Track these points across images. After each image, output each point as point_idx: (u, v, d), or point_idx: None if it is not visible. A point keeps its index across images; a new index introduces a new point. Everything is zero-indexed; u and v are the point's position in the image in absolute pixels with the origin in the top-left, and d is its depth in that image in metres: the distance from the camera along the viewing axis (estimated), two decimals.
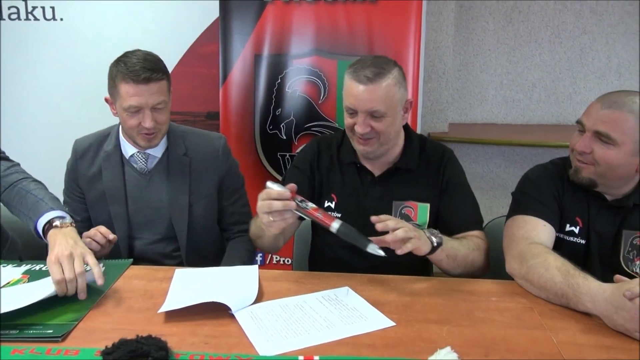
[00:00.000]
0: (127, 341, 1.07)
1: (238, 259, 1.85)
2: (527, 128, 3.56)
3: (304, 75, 2.83)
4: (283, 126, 2.87)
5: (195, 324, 1.26)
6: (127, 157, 1.84)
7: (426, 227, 1.70)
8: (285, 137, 2.87)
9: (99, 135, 1.89)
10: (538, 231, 1.52)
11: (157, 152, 1.85)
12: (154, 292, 1.42)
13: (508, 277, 1.51)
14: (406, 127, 1.78)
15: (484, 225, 1.98)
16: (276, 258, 3.04)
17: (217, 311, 1.30)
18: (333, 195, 1.77)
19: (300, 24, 2.79)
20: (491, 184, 3.58)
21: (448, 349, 1.12)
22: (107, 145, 1.86)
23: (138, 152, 1.83)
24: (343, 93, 1.64)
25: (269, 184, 1.43)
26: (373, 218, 1.41)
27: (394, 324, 1.26)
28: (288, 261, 2.99)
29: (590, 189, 1.56)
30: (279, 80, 2.85)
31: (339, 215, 1.73)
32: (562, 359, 1.13)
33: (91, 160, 1.86)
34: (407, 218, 1.70)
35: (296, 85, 2.84)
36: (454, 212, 1.71)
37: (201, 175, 1.87)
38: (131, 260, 1.62)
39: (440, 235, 1.51)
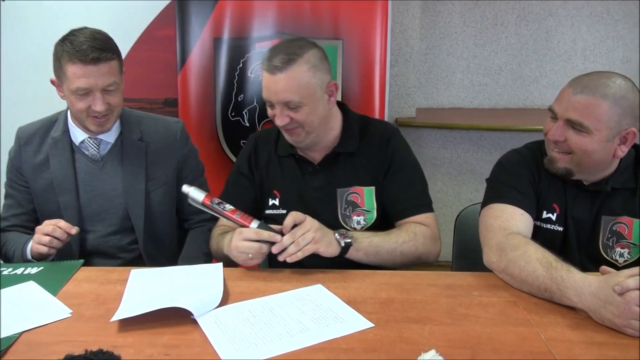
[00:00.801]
0: (73, 358, 0.94)
1: (199, 251, 1.75)
2: (494, 112, 3.51)
3: None
4: (246, 112, 2.74)
5: (154, 332, 1.14)
6: (77, 144, 1.72)
7: (375, 212, 1.62)
8: (248, 124, 2.74)
9: (45, 122, 1.76)
10: (516, 220, 1.44)
11: (110, 137, 1.73)
12: (107, 297, 1.29)
13: (485, 268, 1.44)
14: (343, 108, 1.69)
15: (459, 212, 1.93)
16: None
17: (178, 317, 1.18)
18: (275, 192, 1.68)
19: (262, 6, 2.65)
20: (459, 169, 3.53)
21: (433, 352, 1.03)
22: (54, 131, 1.73)
23: (89, 137, 1.71)
24: (262, 86, 1.55)
25: (247, 230, 1.42)
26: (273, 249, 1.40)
27: (372, 325, 1.17)
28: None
29: (560, 176, 1.49)
30: (241, 65, 2.71)
31: (284, 211, 1.63)
32: (554, 359, 1.05)
33: (37, 148, 1.72)
34: (354, 205, 1.62)
35: (259, 70, 2.68)
36: (396, 196, 1.62)
37: (158, 161, 1.77)
38: (81, 261, 1.48)
39: (351, 235, 1.47)
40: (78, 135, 1.71)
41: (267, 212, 1.68)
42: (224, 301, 1.26)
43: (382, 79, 2.71)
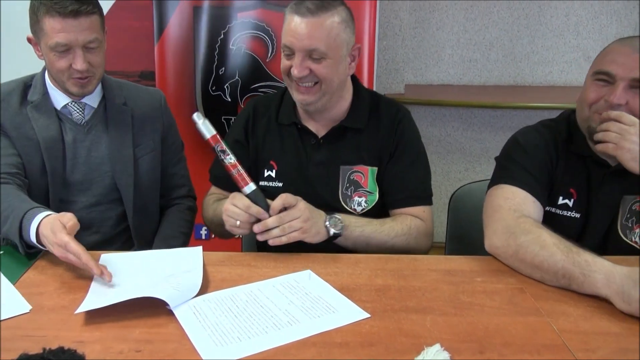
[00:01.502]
0: (28, 358, 0.81)
1: (177, 231, 1.66)
2: (484, 89, 3.41)
3: (250, 30, 2.55)
4: (227, 87, 2.60)
5: (124, 325, 1.01)
6: (59, 108, 1.59)
7: (377, 194, 1.52)
8: (230, 99, 2.61)
9: (18, 83, 1.61)
10: (527, 206, 1.33)
11: (94, 101, 1.61)
12: (73, 285, 1.16)
13: (483, 253, 1.34)
14: (355, 81, 1.57)
15: (454, 192, 1.82)
16: None
17: (152, 308, 1.06)
18: (272, 163, 1.56)
19: None
20: (448, 147, 3.42)
21: (437, 346, 0.93)
22: (31, 95, 1.58)
23: (72, 101, 1.58)
24: (282, 31, 1.43)
25: (239, 198, 1.32)
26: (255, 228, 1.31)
27: (368, 315, 1.06)
28: (237, 236, 2.76)
29: (593, 155, 1.38)
30: (222, 36, 2.56)
31: (280, 184, 1.53)
32: (569, 352, 0.95)
33: (16, 109, 1.56)
34: (357, 185, 1.51)
35: (241, 42, 2.56)
36: (396, 183, 1.51)
37: (144, 126, 1.66)
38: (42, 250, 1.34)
39: (343, 223, 1.37)
40: (59, 99, 1.59)
41: (261, 183, 1.55)
42: (203, 289, 1.14)
43: (370, 53, 2.59)
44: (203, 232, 2.79)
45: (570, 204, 1.40)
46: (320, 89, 1.43)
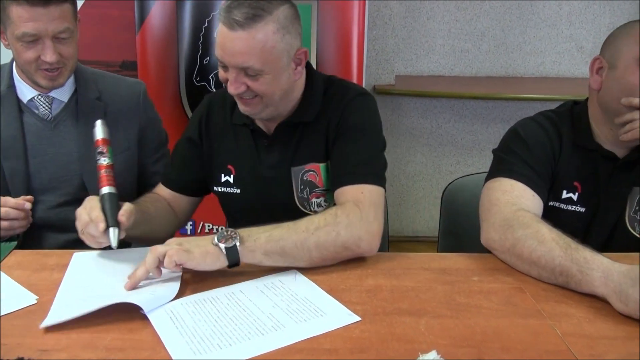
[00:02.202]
0: None
1: None
2: (475, 80, 3.35)
3: None
4: (212, 77, 2.52)
5: (94, 331, 0.93)
6: (25, 102, 1.50)
7: None
8: (215, 90, 2.52)
9: None
10: (527, 200, 1.26)
11: (64, 95, 1.52)
12: (41, 287, 1.07)
13: (478, 247, 1.27)
14: (308, 70, 1.39)
15: (447, 185, 1.75)
16: (208, 226, 2.72)
17: (124, 311, 0.98)
18: (230, 167, 1.43)
19: None
20: (440, 140, 3.36)
21: (433, 353, 0.86)
22: None
23: (39, 95, 1.50)
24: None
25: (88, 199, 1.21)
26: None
27: (358, 318, 0.99)
28: (222, 229, 2.68)
29: (600, 148, 1.31)
30: (206, 25, 2.48)
31: (238, 191, 1.42)
32: (574, 357, 0.89)
33: None
34: (312, 185, 1.38)
35: None
36: (332, 164, 1.35)
37: (119, 123, 1.56)
38: (14, 244, 1.27)
39: (237, 234, 1.10)
40: (26, 91, 1.50)
41: (218, 189, 1.44)
42: (181, 292, 1.06)
43: (360, 43, 2.52)
44: (188, 227, 2.71)
45: (575, 197, 1.34)
46: (262, 101, 1.28)
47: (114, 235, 1.12)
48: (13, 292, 1.05)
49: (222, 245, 1.08)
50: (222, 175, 1.43)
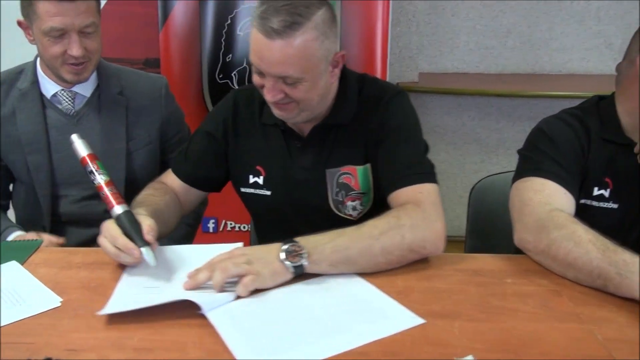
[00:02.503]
0: None
1: (181, 222, 1.53)
2: (501, 77, 3.29)
3: None
4: (235, 74, 2.51)
5: (121, 330, 0.92)
6: (49, 97, 1.51)
7: (371, 192, 1.35)
8: (237, 87, 2.50)
9: (9, 73, 1.55)
10: (559, 198, 1.22)
11: (87, 90, 1.53)
12: (67, 286, 1.07)
13: (506, 248, 1.24)
14: (342, 69, 1.34)
15: (474, 184, 1.71)
16: (230, 224, 2.71)
17: (150, 310, 0.96)
18: (259, 168, 1.39)
19: None
20: (464, 138, 3.31)
21: (470, 358, 0.83)
22: (21, 82, 1.52)
23: (62, 89, 1.51)
24: (250, 45, 1.20)
25: (107, 226, 1.11)
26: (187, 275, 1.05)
27: (423, 321, 0.95)
28: (244, 227, 2.68)
29: (630, 142, 1.26)
30: (229, 22, 2.46)
31: (269, 193, 1.38)
32: None
33: (2, 102, 1.51)
34: (348, 188, 1.34)
35: (249, 27, 2.42)
36: (385, 168, 1.31)
37: (140, 118, 1.58)
38: (40, 241, 1.26)
39: (303, 248, 1.06)
40: (49, 87, 1.51)
41: (246, 190, 1.41)
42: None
43: (384, 40, 2.49)
44: (211, 225, 2.71)
45: (607, 194, 1.29)
46: (298, 106, 1.24)
47: (148, 255, 1.06)
48: (37, 293, 1.03)
49: (289, 264, 1.05)
50: (251, 176, 1.40)
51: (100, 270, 1.13)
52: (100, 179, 1.14)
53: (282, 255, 1.05)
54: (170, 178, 1.44)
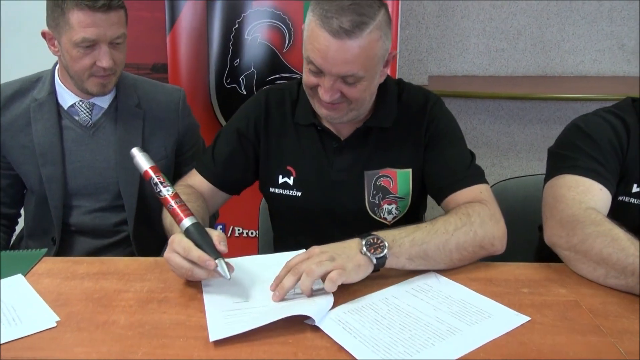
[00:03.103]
0: None
1: None
2: (511, 80, 3.25)
3: (266, 20, 2.43)
4: (242, 79, 2.48)
5: (127, 345, 0.89)
6: (66, 108, 1.50)
7: (409, 198, 1.35)
8: (245, 92, 2.48)
9: (25, 81, 1.53)
10: (594, 195, 1.19)
11: (104, 101, 1.51)
12: (70, 297, 1.04)
13: (520, 257, 1.20)
14: None
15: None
16: (238, 230, 2.69)
17: (154, 323, 0.93)
18: (290, 169, 1.37)
19: None
20: (475, 142, 3.27)
21: None
22: (37, 92, 1.50)
23: (81, 100, 1.49)
24: (305, 39, 1.20)
25: (177, 240, 1.04)
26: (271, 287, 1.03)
27: (528, 318, 0.96)
28: (252, 233, 2.65)
29: None
30: (237, 26, 2.44)
31: (299, 194, 1.36)
32: None
33: (17, 111, 1.49)
34: (385, 191, 1.34)
35: (256, 31, 2.44)
36: (437, 173, 1.32)
37: (157, 131, 1.56)
38: (44, 250, 1.23)
39: (383, 240, 1.06)
40: (67, 97, 1.50)
41: (274, 190, 1.39)
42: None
43: (393, 43, 2.45)
44: (218, 229, 2.68)
45: None
46: (349, 106, 1.25)
47: (222, 267, 1.02)
48: (35, 311, 0.99)
49: (372, 256, 1.04)
50: (280, 176, 1.38)
51: (104, 280, 1.10)
52: (166, 191, 1.09)
53: (364, 248, 1.04)
54: (196, 180, 1.40)
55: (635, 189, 1.26)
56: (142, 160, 1.11)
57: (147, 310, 0.98)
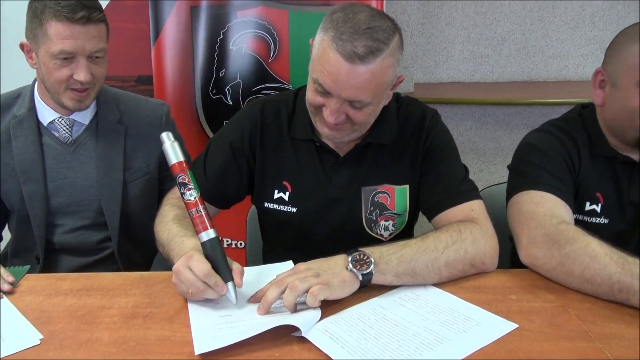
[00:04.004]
0: None
1: None
2: (497, 86, 3.26)
3: (251, 30, 2.42)
4: (228, 90, 2.47)
5: None
6: (45, 124, 1.46)
7: (406, 214, 1.34)
8: (231, 102, 2.47)
9: (5, 98, 1.50)
10: (561, 210, 1.19)
11: (85, 117, 1.48)
12: (53, 315, 1.02)
13: (507, 264, 1.21)
14: None
15: None
16: (227, 241, 2.67)
17: (149, 340, 0.91)
18: (286, 184, 1.35)
19: None
20: (461, 148, 3.18)
21: None
22: (17, 109, 1.47)
23: (60, 117, 1.46)
24: (315, 57, 1.17)
25: (197, 261, 1.01)
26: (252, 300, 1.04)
27: (516, 325, 0.95)
28: (241, 244, 2.63)
29: (617, 154, 1.24)
30: (221, 36, 2.43)
31: (294, 210, 1.34)
32: None
33: None
34: (382, 207, 1.32)
35: (242, 42, 2.43)
36: (432, 187, 1.30)
37: (139, 147, 1.52)
38: (27, 267, 1.21)
39: (369, 256, 1.05)
40: (46, 114, 1.46)
41: (269, 205, 1.36)
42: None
43: None
44: None
45: (598, 209, 1.26)
46: (352, 127, 1.22)
47: (231, 292, 1.01)
48: (17, 329, 0.97)
49: (358, 272, 1.03)
50: (276, 191, 1.36)
51: (88, 297, 1.08)
52: (190, 195, 1.05)
53: (350, 265, 1.03)
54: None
55: (587, 207, 1.27)
56: (171, 151, 1.07)
57: (131, 326, 0.97)
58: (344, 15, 1.13)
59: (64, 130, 1.47)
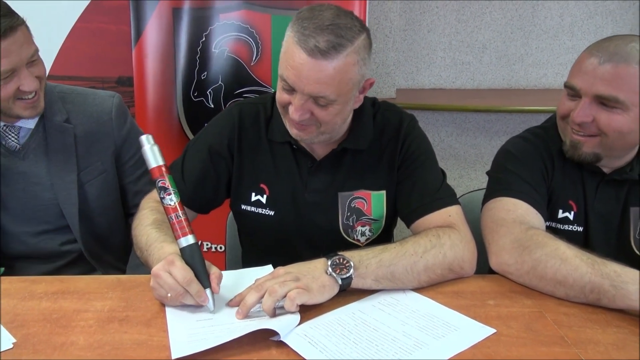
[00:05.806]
0: None
1: None
2: (477, 93, 3.30)
3: (233, 33, 2.41)
4: (210, 92, 2.46)
5: None
6: None
7: (383, 220, 1.34)
8: (213, 105, 2.46)
9: None
10: (531, 217, 1.20)
11: (30, 122, 1.41)
12: (27, 318, 1.00)
13: (483, 269, 1.22)
14: None
15: None
16: (207, 245, 2.65)
17: (126, 346, 0.90)
18: (263, 187, 1.34)
19: None
20: (442, 154, 3.30)
21: None
22: None
23: (5, 125, 1.39)
24: (281, 55, 1.18)
25: (179, 267, 1.00)
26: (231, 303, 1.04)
27: (494, 330, 0.96)
28: (221, 248, 2.62)
29: (585, 164, 1.26)
30: (204, 39, 2.42)
31: (272, 213, 1.33)
32: None
33: None
34: (359, 213, 1.32)
35: (224, 45, 2.42)
36: (406, 194, 1.30)
37: (91, 145, 1.46)
38: (1, 269, 1.18)
39: (349, 260, 1.05)
40: None
41: (247, 208, 1.35)
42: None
43: None
44: None
45: (571, 217, 1.28)
46: (318, 129, 1.22)
47: (211, 298, 1.00)
48: None
49: (337, 277, 1.03)
50: (253, 194, 1.35)
51: (63, 300, 1.06)
52: (170, 200, 1.04)
53: (329, 269, 1.03)
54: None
55: (560, 214, 1.29)
56: (150, 155, 1.05)
57: (107, 330, 0.96)
58: (310, 12, 1.14)
59: (11, 138, 1.41)
